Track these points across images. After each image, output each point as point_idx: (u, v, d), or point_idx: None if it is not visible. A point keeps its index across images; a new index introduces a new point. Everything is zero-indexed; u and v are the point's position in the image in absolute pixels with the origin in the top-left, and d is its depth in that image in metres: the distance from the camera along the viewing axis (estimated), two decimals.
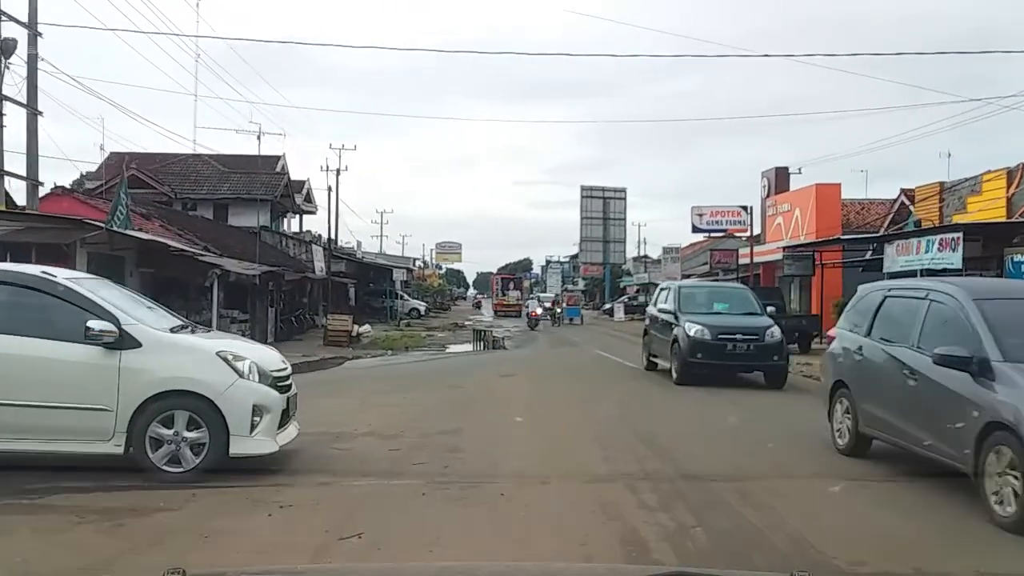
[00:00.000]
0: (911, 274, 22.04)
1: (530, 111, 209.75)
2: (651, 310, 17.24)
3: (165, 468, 6.23)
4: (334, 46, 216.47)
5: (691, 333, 13.62)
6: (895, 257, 20.79)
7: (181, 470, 6.23)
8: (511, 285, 68.54)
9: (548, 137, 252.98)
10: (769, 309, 15.36)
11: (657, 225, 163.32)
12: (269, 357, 7.08)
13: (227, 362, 6.48)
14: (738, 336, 13.75)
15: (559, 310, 44.06)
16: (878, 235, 24.73)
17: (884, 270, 21.63)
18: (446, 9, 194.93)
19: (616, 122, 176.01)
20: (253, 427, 6.35)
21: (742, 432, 9.24)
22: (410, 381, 15.06)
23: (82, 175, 33.06)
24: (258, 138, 28.47)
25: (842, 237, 26.50)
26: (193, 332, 7.32)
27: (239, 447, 6.32)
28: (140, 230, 20.92)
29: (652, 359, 16.25)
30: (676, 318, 14.41)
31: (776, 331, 14.08)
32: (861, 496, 6.55)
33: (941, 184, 25.16)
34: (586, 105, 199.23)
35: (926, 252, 19.22)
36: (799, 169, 38.92)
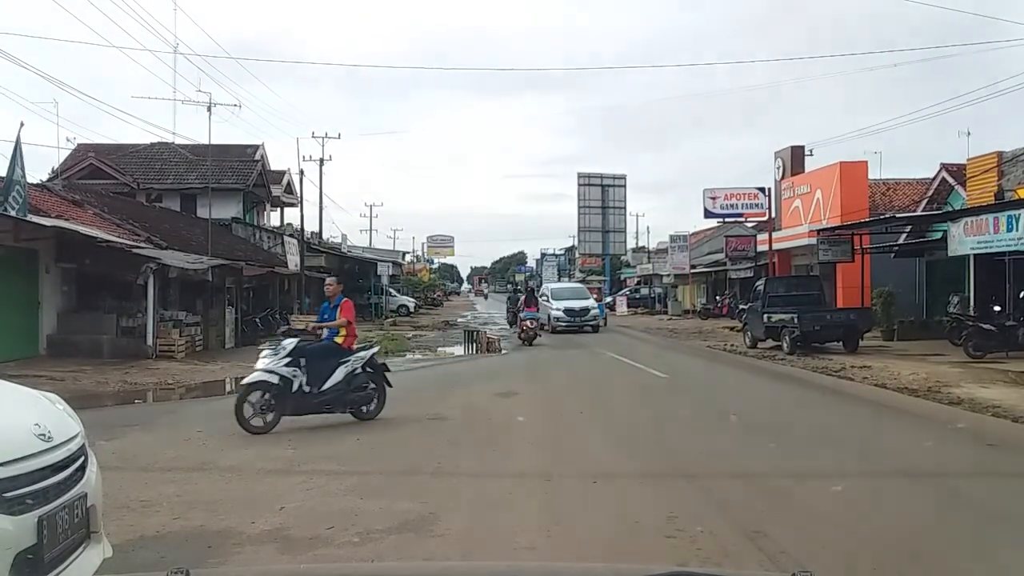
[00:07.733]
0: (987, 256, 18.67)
1: (517, 105, 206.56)
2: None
3: None
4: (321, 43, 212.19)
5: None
6: (963, 238, 17.50)
7: None
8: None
9: (536, 131, 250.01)
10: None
11: (649, 216, 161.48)
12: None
13: None
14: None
15: None
16: (939, 212, 21.23)
17: (949, 253, 18.36)
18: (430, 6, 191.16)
19: (599, 111, 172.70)
20: None
21: None
22: None
23: (54, 170, 31.80)
24: (208, 109, 24.60)
25: (896, 216, 23.10)
26: None
27: None
28: (60, 218, 17.46)
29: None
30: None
31: None
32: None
33: (999, 154, 21.76)
34: (570, 98, 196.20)
35: (1008, 231, 15.93)
36: (810, 151, 36.29)
